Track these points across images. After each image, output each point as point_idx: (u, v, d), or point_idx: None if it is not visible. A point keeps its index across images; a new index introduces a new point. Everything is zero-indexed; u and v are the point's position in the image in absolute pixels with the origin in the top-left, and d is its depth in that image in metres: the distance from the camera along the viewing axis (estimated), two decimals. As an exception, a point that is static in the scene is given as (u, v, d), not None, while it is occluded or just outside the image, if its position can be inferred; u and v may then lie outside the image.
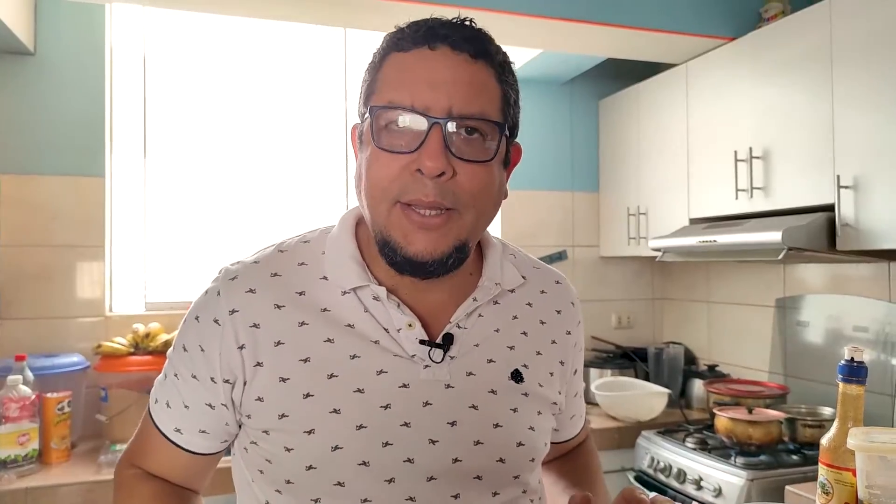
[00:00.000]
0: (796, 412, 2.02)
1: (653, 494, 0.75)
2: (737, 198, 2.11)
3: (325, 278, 0.77)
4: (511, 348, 0.81)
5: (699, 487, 1.89)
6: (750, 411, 1.94)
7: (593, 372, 2.66)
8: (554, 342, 0.86)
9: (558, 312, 0.88)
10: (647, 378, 2.63)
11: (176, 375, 0.79)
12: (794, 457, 1.88)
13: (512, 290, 0.84)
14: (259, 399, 0.74)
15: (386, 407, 0.73)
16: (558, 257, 2.88)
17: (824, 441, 0.86)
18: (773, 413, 1.95)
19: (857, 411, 0.84)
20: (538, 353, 0.83)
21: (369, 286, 0.76)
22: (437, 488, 0.73)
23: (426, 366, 0.75)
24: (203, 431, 0.79)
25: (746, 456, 1.85)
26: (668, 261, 2.33)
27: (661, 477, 2.06)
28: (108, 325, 2.28)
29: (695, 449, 1.99)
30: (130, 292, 2.40)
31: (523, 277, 0.86)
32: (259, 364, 0.74)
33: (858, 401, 0.84)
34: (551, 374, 0.84)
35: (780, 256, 1.80)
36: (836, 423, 0.85)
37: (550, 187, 2.89)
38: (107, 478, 1.77)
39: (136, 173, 2.42)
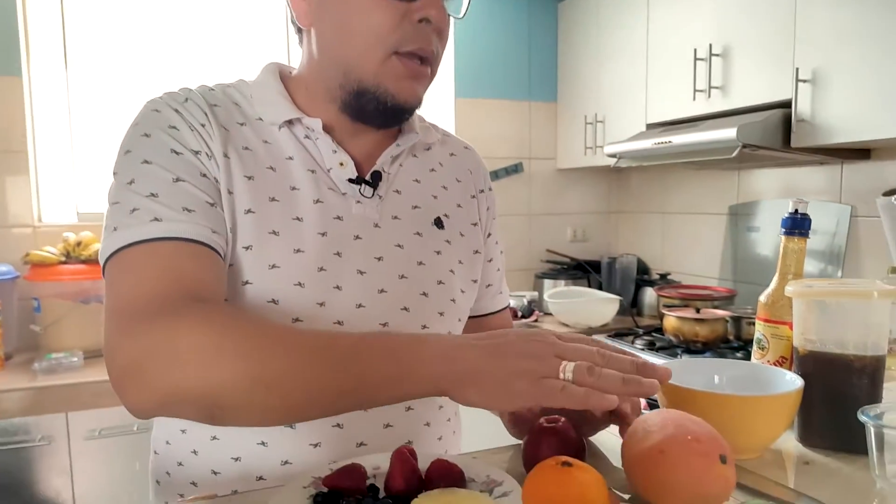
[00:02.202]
0: (742, 312, 2.04)
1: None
2: (694, 99, 2.07)
3: (259, 119, 0.78)
4: (435, 197, 0.87)
5: (645, 385, 1.91)
6: (697, 311, 1.95)
7: (547, 283, 2.66)
8: (473, 196, 0.93)
9: (470, 172, 0.94)
10: (600, 288, 2.63)
11: (147, 162, 0.70)
12: (739, 354, 1.91)
13: (428, 148, 0.90)
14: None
15: (323, 234, 0.76)
16: (514, 170, 2.82)
17: (762, 298, 0.83)
18: (720, 312, 1.96)
19: (798, 265, 0.81)
20: (458, 206, 0.90)
21: (302, 120, 0.78)
22: (366, 315, 0.76)
23: (357, 201, 0.79)
24: (211, 204, 0.71)
25: (692, 353, 1.87)
26: (624, 166, 2.29)
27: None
28: (37, 236, 2.17)
29: (643, 348, 2.01)
30: (61, 203, 2.28)
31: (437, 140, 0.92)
32: (230, 192, 0.73)
33: (800, 255, 0.82)
34: (474, 224, 0.91)
35: (734, 154, 1.77)
36: (775, 278, 0.83)
37: (507, 96, 2.80)
38: (43, 384, 1.71)
39: (58, 79, 2.26)
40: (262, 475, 0.74)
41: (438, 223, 0.85)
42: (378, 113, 0.76)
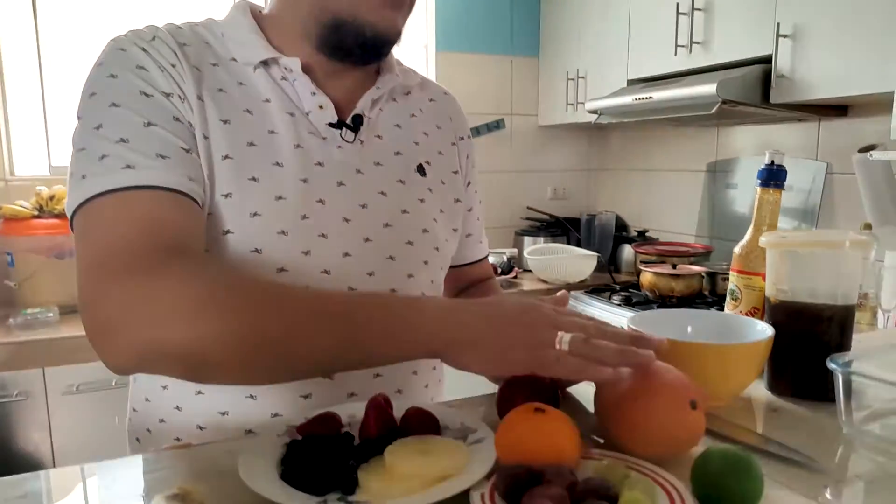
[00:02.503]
0: (718, 268, 2.06)
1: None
2: (676, 54, 2.05)
3: (233, 60, 0.75)
4: (416, 144, 0.85)
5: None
6: (674, 267, 1.97)
7: (527, 240, 2.67)
8: (453, 143, 0.91)
9: (450, 119, 0.92)
10: (579, 245, 2.64)
11: (115, 105, 0.66)
12: (713, 308, 1.93)
13: (407, 93, 0.88)
14: None
15: (304, 181, 0.74)
16: (496, 126, 2.79)
17: (737, 249, 0.84)
18: (695, 268, 1.99)
19: (773, 217, 0.82)
20: (439, 153, 0.88)
21: (279, 60, 0.75)
22: (352, 264, 0.75)
23: (339, 146, 0.77)
24: (186, 150, 0.68)
25: (668, 308, 1.90)
26: (605, 123, 2.27)
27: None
28: (9, 190, 2.12)
29: (619, 304, 2.03)
30: (33, 156, 2.22)
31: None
32: (205, 137, 0.71)
33: (775, 206, 0.82)
34: (454, 172, 0.90)
35: (714, 110, 1.76)
36: (750, 230, 0.83)
37: (488, 50, 2.75)
38: (19, 339, 1.69)
39: (28, 29, 2.17)
40: (251, 429, 0.73)
41: (421, 170, 0.84)
42: (357, 46, 0.74)
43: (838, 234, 0.71)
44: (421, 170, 0.84)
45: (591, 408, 0.69)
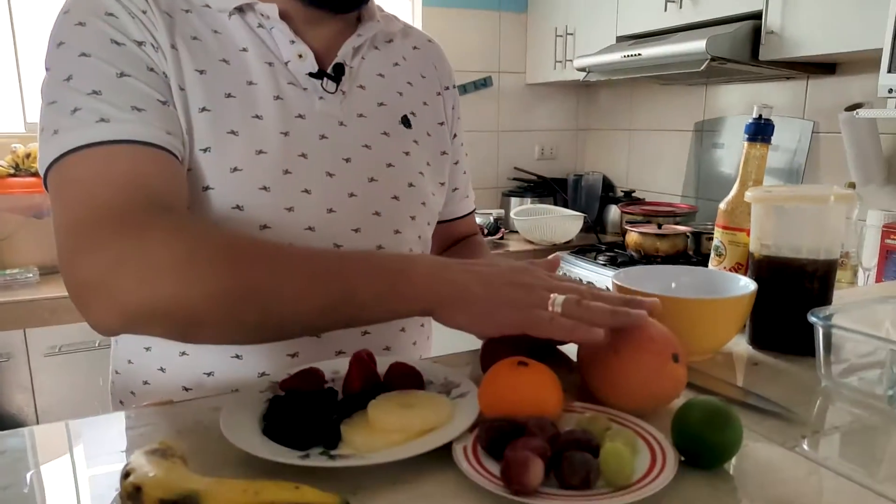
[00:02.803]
0: (703, 228, 2.07)
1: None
2: (665, 9, 2.01)
3: (206, 6, 0.72)
4: (400, 94, 0.83)
5: (607, 299, 1.95)
6: (659, 227, 1.98)
7: (514, 200, 2.66)
8: (438, 94, 0.89)
9: (435, 68, 0.90)
10: (565, 205, 2.64)
11: (85, 55, 0.63)
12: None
13: (390, 41, 0.85)
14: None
15: (285, 134, 0.72)
16: (483, 84, 2.76)
17: (722, 205, 0.84)
18: (680, 228, 1.99)
19: (759, 172, 0.81)
20: (424, 104, 0.86)
21: (255, 7, 0.72)
22: (337, 220, 0.74)
23: (320, 97, 0.75)
24: (162, 102, 0.65)
25: (653, 268, 1.91)
26: (593, 80, 2.25)
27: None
28: (-17, 148, 2.07)
29: (605, 264, 2.04)
30: (7, 112, 2.16)
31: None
32: (181, 88, 0.68)
33: (762, 161, 0.82)
34: (440, 123, 0.87)
35: (703, 67, 1.74)
36: (736, 185, 0.83)
37: (476, 5, 2.69)
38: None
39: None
40: (237, 389, 0.72)
41: (405, 122, 0.82)
42: None
43: (823, 188, 0.71)
44: (406, 121, 0.82)
45: (574, 362, 0.69)
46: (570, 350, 0.75)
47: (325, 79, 0.75)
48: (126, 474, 0.43)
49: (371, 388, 0.60)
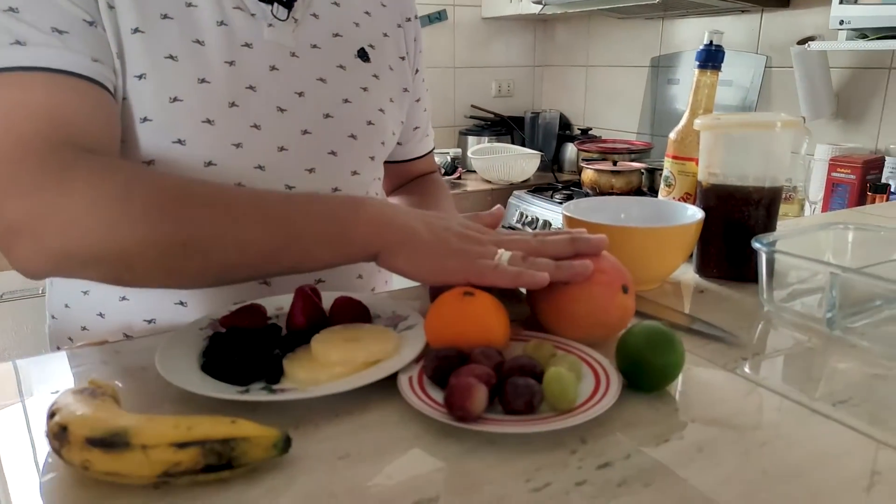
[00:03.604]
0: (657, 164, 2.08)
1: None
2: (622, -61, 1.96)
3: None
4: (357, 25, 0.78)
5: (562, 237, 1.96)
6: (614, 164, 1.98)
7: (471, 139, 2.62)
8: (399, 25, 0.84)
9: None
10: (523, 144, 2.62)
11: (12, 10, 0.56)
12: (652, 204, 1.97)
13: None
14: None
15: (230, 64, 0.67)
16: (437, 17, 2.67)
17: (672, 134, 0.83)
18: (635, 164, 2.00)
19: (709, 101, 0.81)
20: (385, 36, 0.81)
21: None
22: (289, 159, 0.70)
23: (269, 24, 0.69)
24: (89, 22, 0.59)
25: (608, 205, 1.92)
26: (549, 13, 2.20)
27: (529, 230, 2.12)
28: None
29: (561, 202, 2.04)
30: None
31: None
32: (111, 6, 0.62)
33: (712, 90, 0.81)
34: (402, 58, 0.82)
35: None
36: (686, 114, 0.82)
37: (428, -66, 2.58)
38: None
39: None
40: None
41: (363, 55, 0.77)
42: None
43: (770, 115, 0.71)
44: (363, 55, 0.77)
45: (523, 294, 0.69)
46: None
47: (275, 4, 0.70)
48: (52, 414, 0.41)
49: (316, 323, 0.59)
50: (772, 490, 0.39)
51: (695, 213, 0.72)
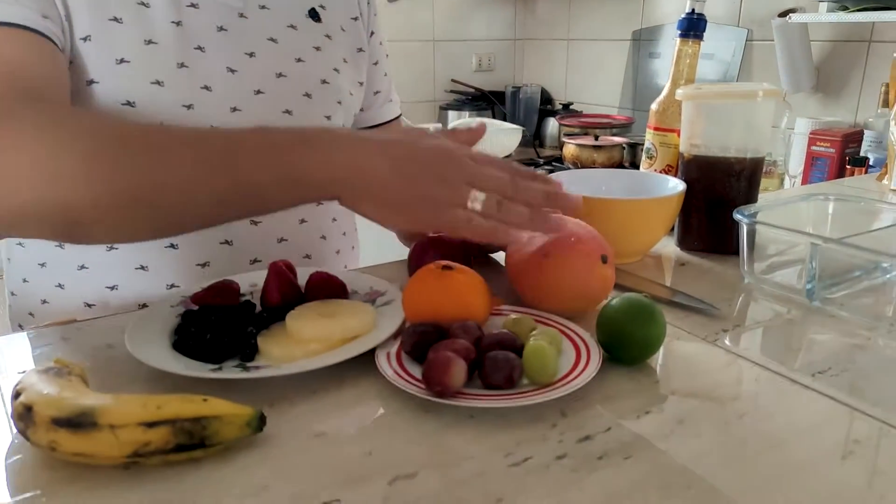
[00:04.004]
0: (639, 139, 2.07)
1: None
2: None
3: None
4: None
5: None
6: (596, 139, 1.97)
7: (451, 114, 2.60)
8: None
9: None
10: (504, 119, 2.60)
11: None
12: (633, 179, 1.97)
13: None
14: None
15: (177, 24, 0.66)
16: (416, -9, 2.62)
17: (654, 105, 0.82)
18: (617, 139, 1.99)
19: (691, 71, 0.80)
20: None
21: None
22: (242, 120, 0.68)
23: None
24: None
25: (589, 179, 1.91)
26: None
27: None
28: None
29: (542, 177, 2.03)
30: None
31: None
32: None
33: (693, 59, 0.80)
34: (354, 18, 0.81)
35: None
36: (667, 85, 0.81)
37: None
38: None
39: None
40: (145, 302, 0.68)
41: (314, 15, 0.76)
42: None
43: (752, 85, 0.70)
44: (314, 14, 0.76)
45: (503, 267, 0.68)
46: (500, 256, 0.74)
47: None
48: (17, 394, 0.40)
49: (291, 299, 0.57)
50: (751, 460, 0.39)
51: (676, 186, 0.71)
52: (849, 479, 0.38)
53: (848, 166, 1.43)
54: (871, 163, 1.41)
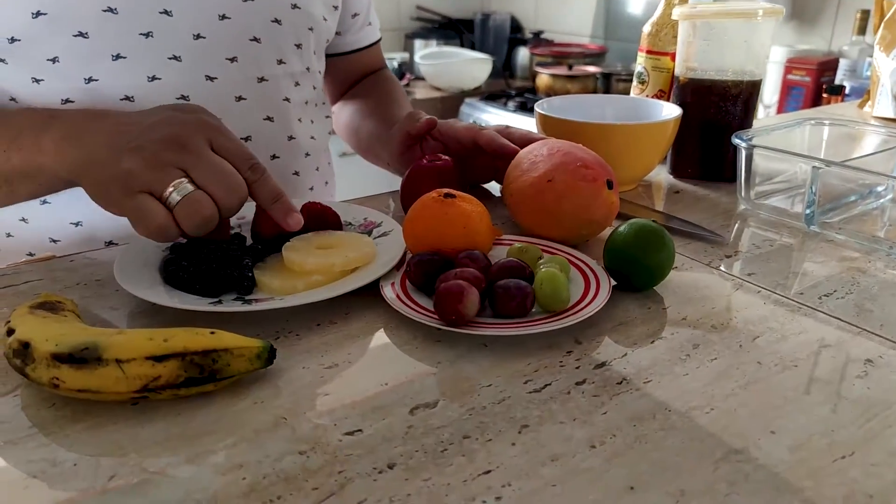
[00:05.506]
0: (612, 69, 2.05)
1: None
2: None
3: None
4: None
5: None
6: (570, 68, 1.93)
7: (418, 43, 2.51)
8: None
9: None
10: (472, 48, 2.53)
11: None
12: (606, 110, 1.95)
13: None
14: None
15: None
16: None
17: (646, 27, 0.80)
18: (591, 69, 1.96)
19: (686, -9, 0.77)
20: None
21: None
22: (207, 47, 0.64)
23: None
24: None
25: (563, 111, 1.89)
26: None
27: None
28: None
29: (515, 110, 1.99)
30: None
31: None
32: None
33: (689, -21, 0.77)
34: None
35: None
36: (661, 5, 0.78)
37: None
38: None
39: None
40: (112, 241, 0.65)
41: None
42: None
43: (751, 3, 0.68)
44: None
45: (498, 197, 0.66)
46: (491, 187, 0.72)
47: None
48: (9, 331, 0.37)
49: (283, 232, 0.55)
50: (768, 381, 0.39)
51: (672, 110, 0.70)
52: (869, 395, 0.38)
53: (825, 95, 1.43)
54: (847, 91, 1.42)
